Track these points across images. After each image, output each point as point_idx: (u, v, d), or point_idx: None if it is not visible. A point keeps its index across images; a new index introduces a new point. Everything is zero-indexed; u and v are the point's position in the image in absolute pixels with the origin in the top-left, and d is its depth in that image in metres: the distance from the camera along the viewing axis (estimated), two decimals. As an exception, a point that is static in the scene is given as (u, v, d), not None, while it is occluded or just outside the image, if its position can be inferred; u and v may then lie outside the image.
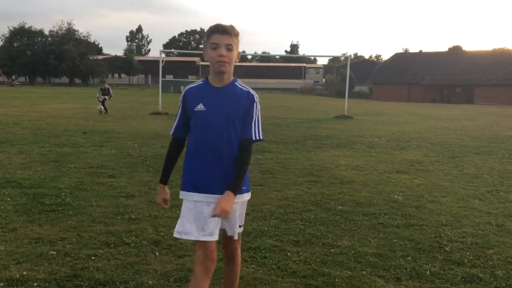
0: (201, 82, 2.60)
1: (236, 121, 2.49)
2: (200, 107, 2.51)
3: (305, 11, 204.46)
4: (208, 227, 2.49)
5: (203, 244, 2.50)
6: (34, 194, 5.73)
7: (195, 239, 2.51)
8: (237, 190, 2.47)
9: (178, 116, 2.63)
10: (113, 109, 22.78)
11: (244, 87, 2.57)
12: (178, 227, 2.54)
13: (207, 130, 2.50)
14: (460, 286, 3.52)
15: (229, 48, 2.46)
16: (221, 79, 2.52)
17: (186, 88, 2.64)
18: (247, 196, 2.67)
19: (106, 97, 20.70)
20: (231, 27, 2.49)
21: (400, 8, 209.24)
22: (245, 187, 2.61)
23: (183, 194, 2.58)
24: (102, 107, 20.20)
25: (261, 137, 2.55)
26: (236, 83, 2.57)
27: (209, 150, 2.50)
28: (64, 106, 24.27)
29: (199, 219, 2.49)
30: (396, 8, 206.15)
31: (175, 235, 2.55)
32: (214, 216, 2.41)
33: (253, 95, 2.54)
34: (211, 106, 2.50)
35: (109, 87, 22.06)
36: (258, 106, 2.56)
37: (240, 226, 2.70)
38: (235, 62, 2.55)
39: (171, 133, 2.68)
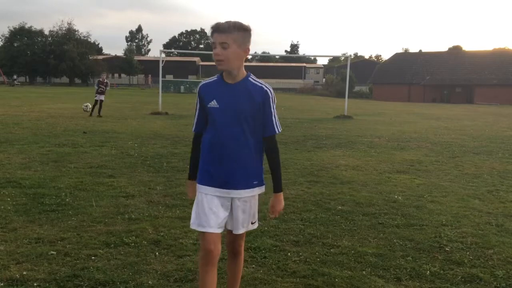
0: (216, 78, 2.64)
1: (249, 117, 2.53)
2: (214, 103, 2.56)
3: (305, 11, 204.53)
4: (213, 220, 2.59)
5: (204, 235, 2.59)
6: (34, 194, 5.73)
7: (203, 230, 2.60)
8: (281, 188, 2.70)
9: (197, 112, 2.70)
10: (113, 109, 22.77)
11: (258, 83, 2.58)
12: (191, 218, 2.67)
13: (221, 126, 2.55)
14: (460, 286, 3.52)
15: (224, 46, 2.44)
16: (233, 75, 2.54)
17: (201, 84, 2.69)
18: (258, 190, 2.70)
19: (102, 97, 18.89)
20: (228, 23, 2.45)
21: (400, 8, 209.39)
22: (256, 182, 2.66)
23: (197, 187, 2.67)
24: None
25: (280, 130, 2.65)
26: (249, 78, 2.58)
27: (223, 145, 2.56)
28: (64, 106, 24.27)
29: (208, 211, 2.59)
30: (396, 8, 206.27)
31: (190, 226, 2.67)
32: (274, 218, 2.69)
33: (266, 90, 2.55)
34: (224, 103, 2.54)
35: (107, 81, 19.88)
36: (274, 100, 2.59)
37: (252, 223, 2.74)
38: (244, 57, 2.54)
39: (193, 130, 2.76)
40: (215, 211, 2.59)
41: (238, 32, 2.46)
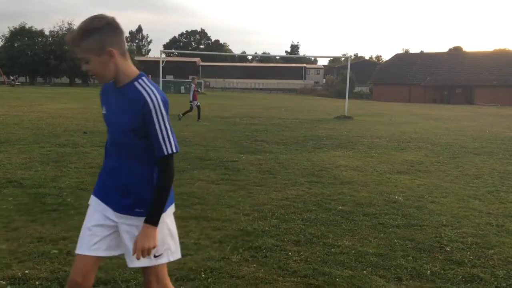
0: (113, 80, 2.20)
1: (128, 130, 2.11)
2: (104, 109, 2.24)
3: (305, 12, 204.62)
4: (89, 239, 2.26)
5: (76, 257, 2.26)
6: (35, 194, 5.75)
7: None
8: (155, 220, 2.10)
9: None
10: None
11: (143, 89, 2.09)
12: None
13: (108, 135, 2.26)
14: (461, 286, 3.54)
15: (85, 61, 2.07)
16: (118, 79, 2.13)
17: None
18: (136, 220, 2.19)
19: (197, 102, 18.32)
20: (71, 34, 2.05)
21: (400, 8, 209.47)
22: (142, 210, 2.16)
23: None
24: (197, 113, 18.06)
25: (174, 150, 2.11)
26: (135, 82, 2.11)
27: (107, 157, 2.29)
28: (64, 106, 24.27)
29: (87, 227, 2.31)
30: (396, 9, 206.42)
31: None
32: (136, 256, 2.13)
33: (146, 101, 2.05)
34: (109, 110, 2.20)
35: (194, 85, 18.97)
36: (161, 112, 2.06)
37: (155, 256, 2.22)
38: (113, 59, 2.07)
39: None
40: (93, 227, 2.29)
41: (87, 39, 2.02)
